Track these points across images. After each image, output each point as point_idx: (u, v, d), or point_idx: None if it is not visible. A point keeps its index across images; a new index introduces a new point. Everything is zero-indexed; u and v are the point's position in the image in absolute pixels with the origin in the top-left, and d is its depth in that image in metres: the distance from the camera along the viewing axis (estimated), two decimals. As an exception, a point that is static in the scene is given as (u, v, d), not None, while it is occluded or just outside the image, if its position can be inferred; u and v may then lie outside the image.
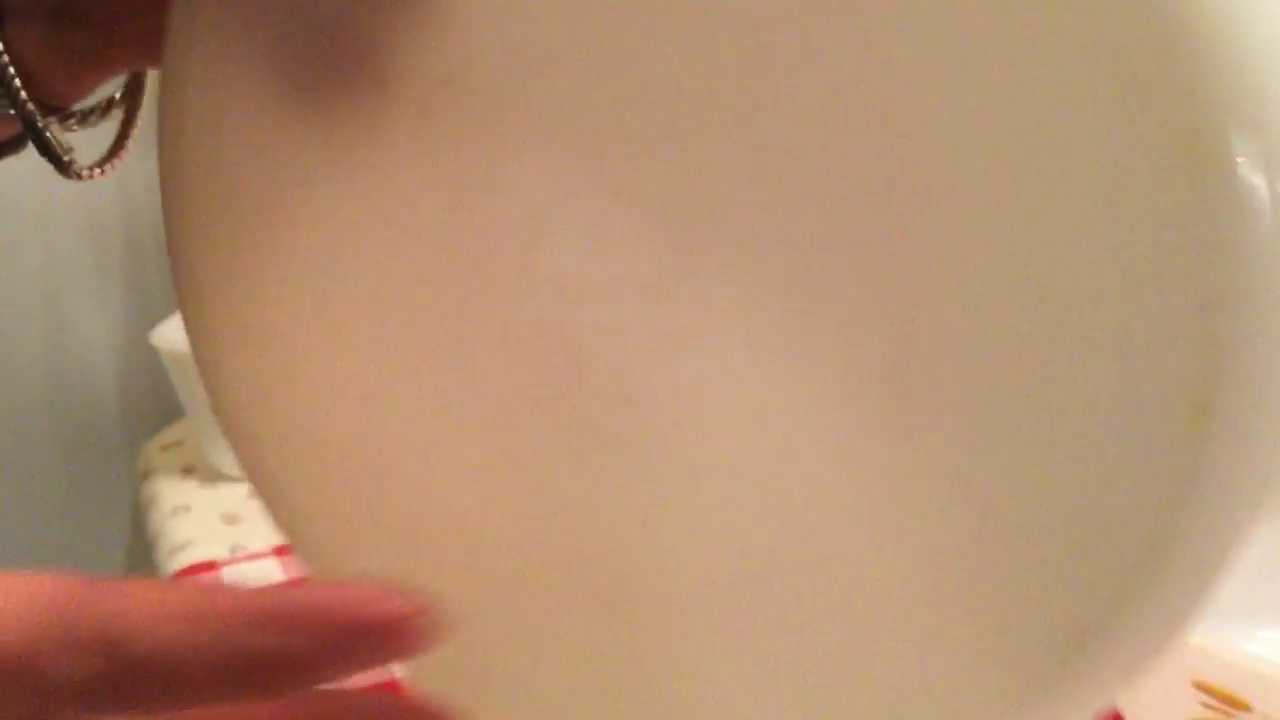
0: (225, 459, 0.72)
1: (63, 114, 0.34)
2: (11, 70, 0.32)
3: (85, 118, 0.35)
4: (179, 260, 0.27)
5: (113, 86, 0.36)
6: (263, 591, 0.20)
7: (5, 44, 0.32)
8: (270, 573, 0.63)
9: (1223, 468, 0.19)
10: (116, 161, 0.36)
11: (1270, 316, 0.18)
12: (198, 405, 0.71)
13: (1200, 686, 0.47)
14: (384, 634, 0.19)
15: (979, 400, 0.20)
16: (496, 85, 0.23)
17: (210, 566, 0.63)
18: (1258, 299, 0.18)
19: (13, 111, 0.33)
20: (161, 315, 0.71)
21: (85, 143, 0.36)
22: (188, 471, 0.74)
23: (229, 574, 0.62)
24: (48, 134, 0.33)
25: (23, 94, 0.33)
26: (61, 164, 0.34)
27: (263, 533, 0.65)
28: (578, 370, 0.23)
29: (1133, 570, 0.20)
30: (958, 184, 0.19)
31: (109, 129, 0.36)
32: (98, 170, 0.35)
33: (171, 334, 0.70)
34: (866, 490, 0.21)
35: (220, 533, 0.66)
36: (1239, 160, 0.18)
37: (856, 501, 0.21)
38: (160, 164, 0.28)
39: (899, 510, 0.21)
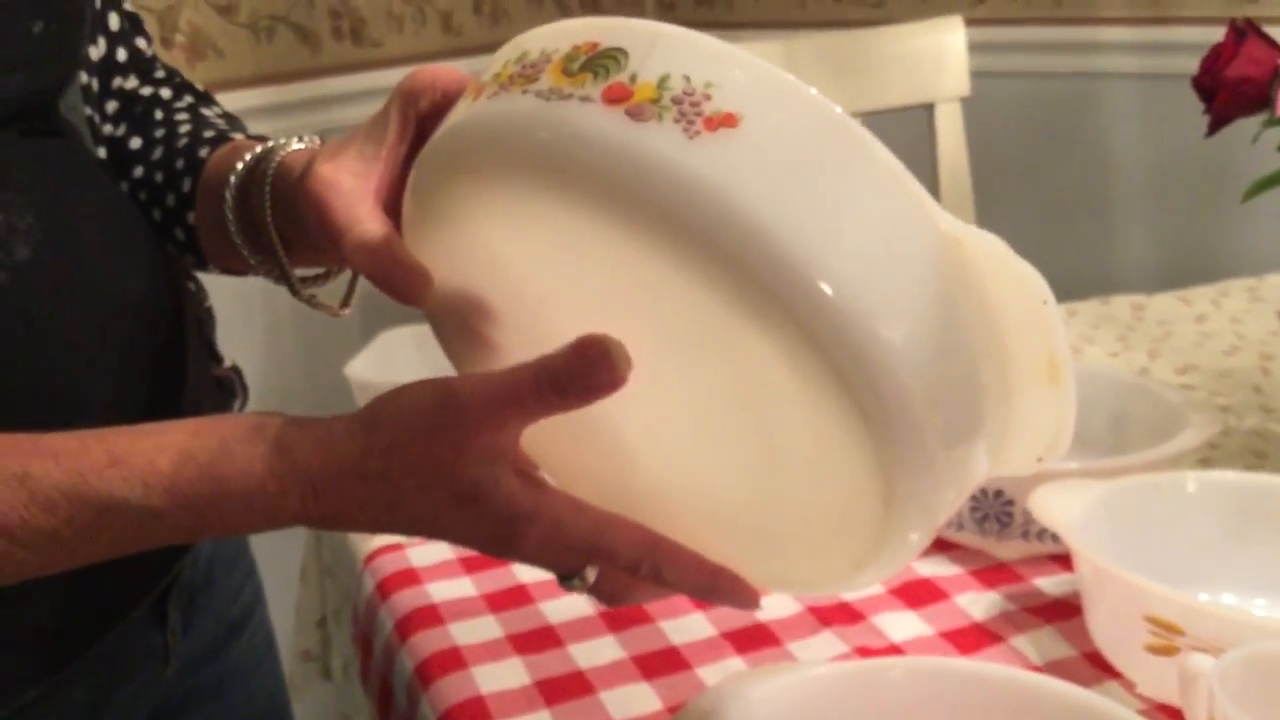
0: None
1: (304, 281, 0.60)
2: (288, 266, 0.59)
3: (315, 281, 0.60)
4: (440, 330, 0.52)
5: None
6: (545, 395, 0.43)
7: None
8: (442, 554, 0.80)
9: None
10: (348, 307, 0.57)
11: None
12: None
13: (1149, 619, 0.60)
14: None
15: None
16: (561, 298, 0.44)
17: (396, 548, 0.81)
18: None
19: (285, 286, 0.56)
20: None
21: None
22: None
23: (411, 553, 0.80)
24: (302, 295, 0.60)
25: (291, 275, 0.58)
26: (313, 305, 0.57)
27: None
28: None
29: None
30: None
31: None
32: (344, 310, 0.56)
33: (359, 368, 0.88)
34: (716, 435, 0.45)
35: (402, 523, 0.84)
36: None
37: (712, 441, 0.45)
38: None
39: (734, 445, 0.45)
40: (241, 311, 0.68)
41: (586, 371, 0.42)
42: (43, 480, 0.46)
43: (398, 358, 0.94)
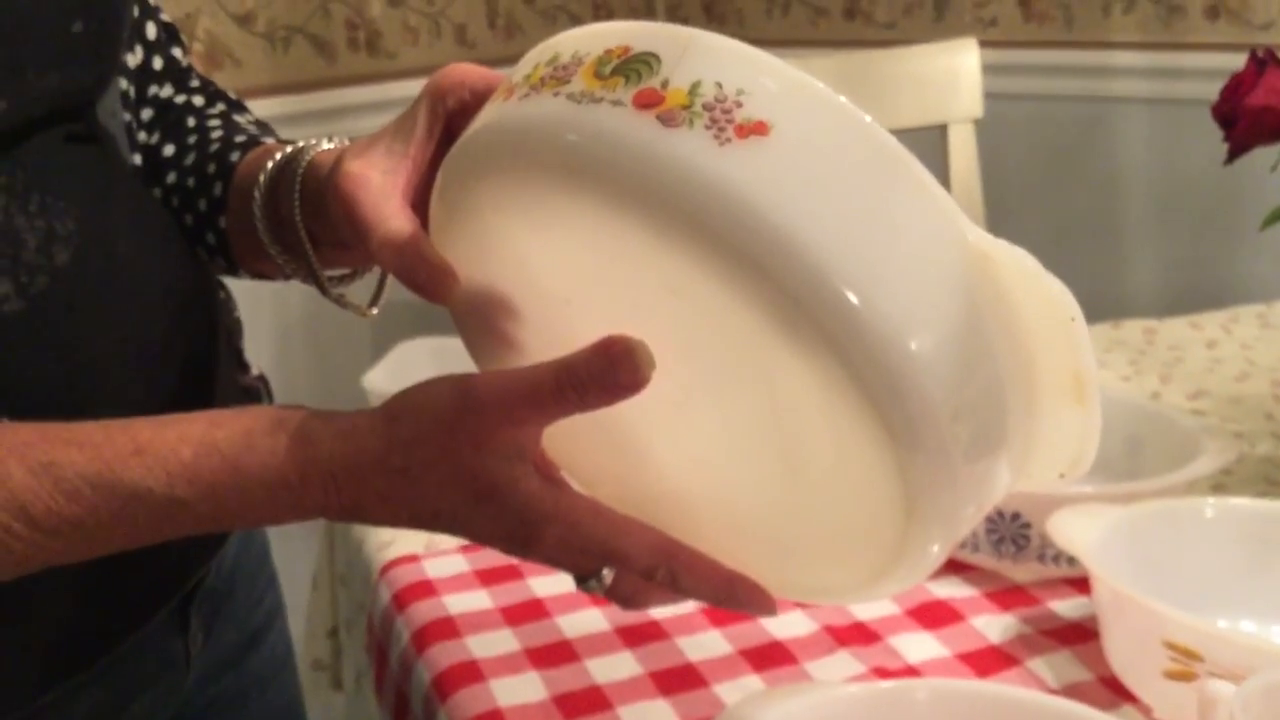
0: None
1: (332, 280, 0.60)
2: (317, 265, 0.59)
3: (343, 281, 0.61)
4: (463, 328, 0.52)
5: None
6: (566, 394, 0.44)
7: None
8: (457, 567, 0.80)
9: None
10: (376, 306, 0.58)
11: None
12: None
13: (1168, 645, 0.60)
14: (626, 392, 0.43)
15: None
16: (586, 299, 0.46)
17: (412, 559, 0.81)
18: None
19: (314, 285, 0.56)
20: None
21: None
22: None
23: (427, 565, 0.80)
24: (331, 295, 0.60)
25: (320, 274, 0.58)
26: (341, 304, 0.57)
27: (451, 534, 0.82)
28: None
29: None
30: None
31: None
32: (373, 309, 0.57)
33: (377, 379, 0.88)
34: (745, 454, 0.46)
35: (418, 533, 0.84)
36: None
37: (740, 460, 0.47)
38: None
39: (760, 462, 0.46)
40: (251, 319, 0.68)
41: (608, 371, 0.43)
42: (68, 469, 0.46)
43: (415, 369, 0.95)
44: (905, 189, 0.41)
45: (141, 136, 0.66)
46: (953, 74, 1.47)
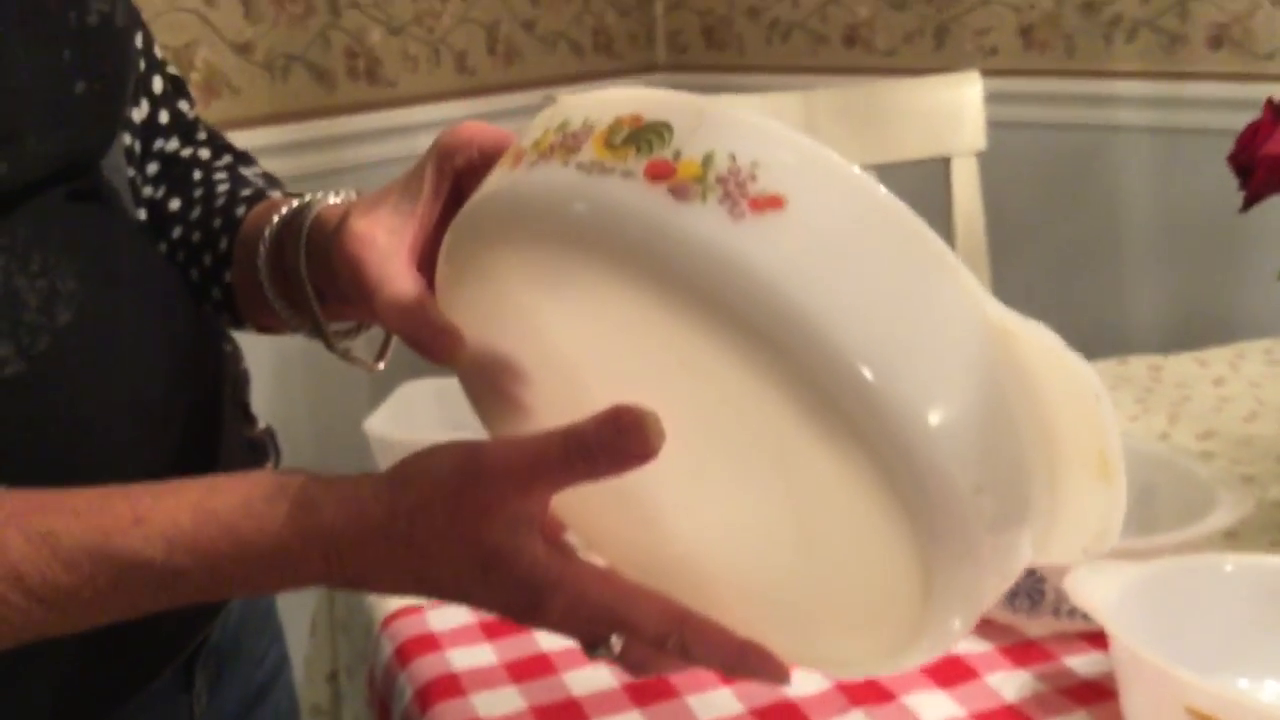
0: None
1: (337, 334, 0.60)
2: (323, 320, 0.58)
3: (348, 334, 0.60)
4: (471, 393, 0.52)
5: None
6: (574, 463, 0.43)
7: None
8: (462, 619, 0.79)
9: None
10: (384, 361, 0.57)
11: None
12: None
13: (1191, 711, 0.59)
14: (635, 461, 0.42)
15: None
16: (595, 367, 0.45)
17: (416, 610, 0.79)
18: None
19: (320, 340, 0.55)
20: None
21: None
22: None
23: (430, 617, 0.79)
24: (337, 349, 0.59)
25: (326, 329, 0.55)
26: (347, 359, 0.56)
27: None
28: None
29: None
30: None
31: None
32: (380, 364, 0.56)
33: (379, 423, 0.87)
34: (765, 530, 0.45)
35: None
36: None
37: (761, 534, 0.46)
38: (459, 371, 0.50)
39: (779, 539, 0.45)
40: (249, 360, 0.68)
41: (618, 441, 0.42)
42: (66, 538, 0.45)
43: (418, 412, 0.93)
44: (923, 264, 0.40)
45: (147, 191, 0.65)
46: (956, 106, 1.46)
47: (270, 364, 1.54)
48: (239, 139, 0.71)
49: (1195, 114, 1.81)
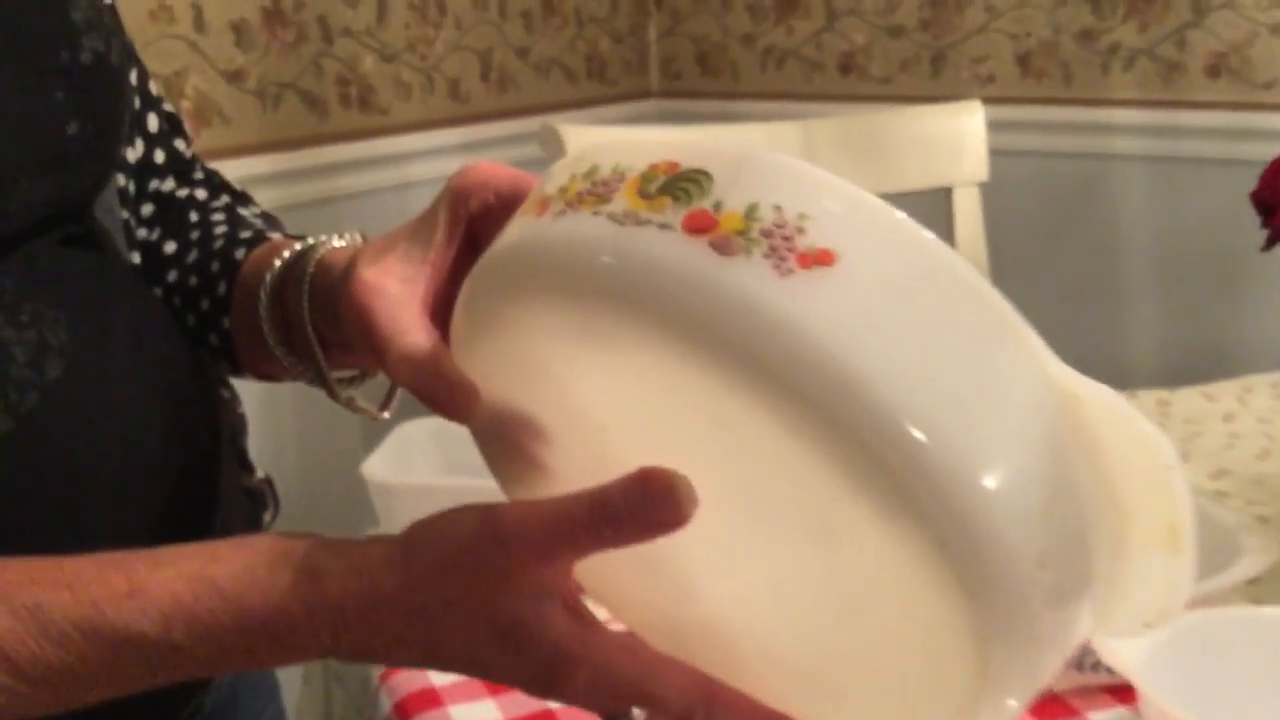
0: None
1: (341, 382, 0.57)
2: (325, 368, 0.55)
3: (352, 382, 0.57)
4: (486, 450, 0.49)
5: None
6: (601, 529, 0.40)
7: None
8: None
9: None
10: (389, 410, 0.54)
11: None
12: (392, 527, 0.85)
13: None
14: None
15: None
16: (624, 426, 0.42)
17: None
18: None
19: (322, 388, 0.52)
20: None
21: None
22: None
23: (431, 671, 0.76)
24: (340, 398, 0.57)
25: (330, 378, 0.52)
26: (352, 408, 0.53)
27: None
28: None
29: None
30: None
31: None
32: (385, 412, 0.53)
33: (377, 467, 0.85)
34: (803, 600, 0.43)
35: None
36: None
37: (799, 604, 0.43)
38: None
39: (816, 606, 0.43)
40: (242, 398, 0.66)
41: (647, 507, 0.39)
42: (55, 613, 0.43)
43: (416, 453, 0.91)
44: (981, 322, 0.37)
45: (141, 233, 0.63)
46: (958, 136, 1.45)
47: (259, 399, 1.51)
48: (230, 168, 0.69)
49: (1194, 143, 1.80)
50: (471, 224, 0.49)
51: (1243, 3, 1.73)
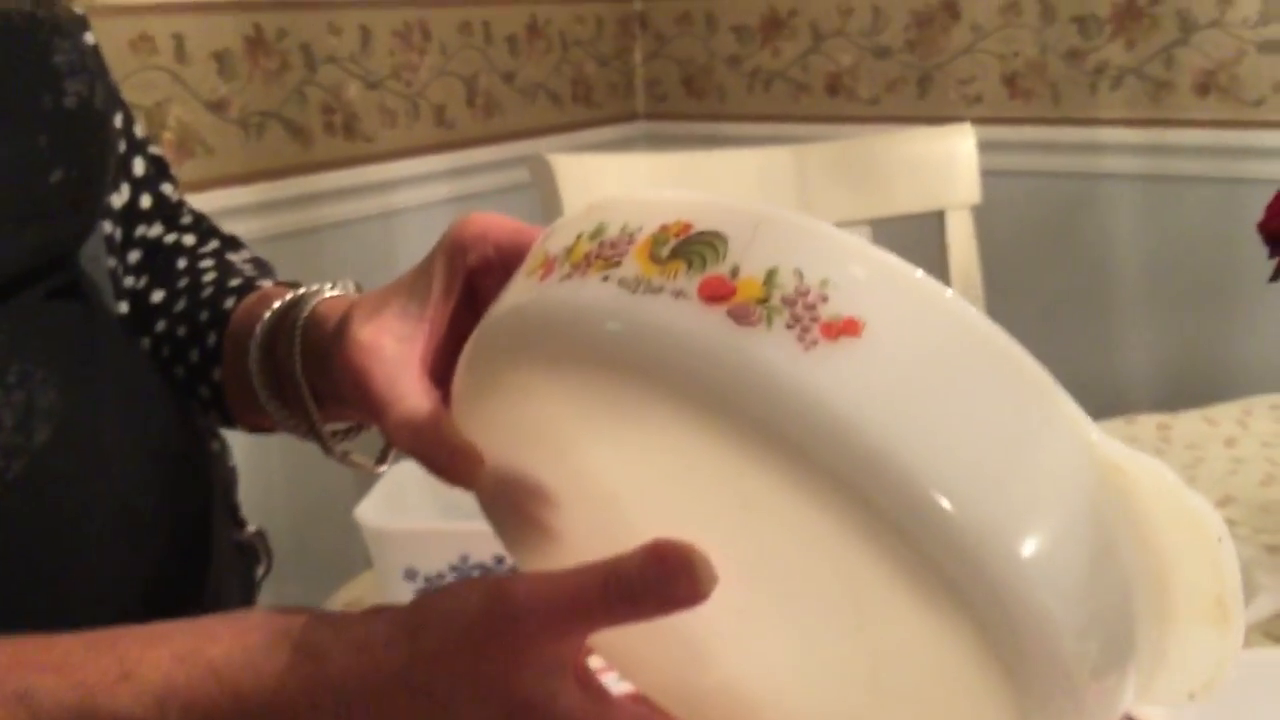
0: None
1: (335, 436, 0.55)
2: (319, 421, 0.53)
3: (347, 435, 0.56)
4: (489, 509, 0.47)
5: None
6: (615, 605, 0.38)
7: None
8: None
9: None
10: (386, 465, 0.52)
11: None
12: (387, 571, 0.83)
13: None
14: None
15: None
16: (638, 496, 0.40)
17: None
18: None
19: (315, 442, 0.50)
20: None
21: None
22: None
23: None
24: (334, 453, 0.55)
25: (323, 432, 0.50)
26: (346, 463, 0.51)
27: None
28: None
29: None
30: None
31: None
32: (381, 467, 0.51)
33: (371, 512, 0.82)
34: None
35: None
36: None
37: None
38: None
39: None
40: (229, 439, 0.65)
41: (663, 583, 0.38)
42: (46, 699, 0.41)
43: (410, 495, 0.89)
44: (1015, 390, 0.36)
45: (128, 281, 0.61)
46: (949, 159, 1.44)
47: (248, 439, 1.49)
48: (214, 199, 0.68)
49: (1184, 161, 1.80)
50: (470, 278, 0.47)
51: (1230, 20, 1.73)
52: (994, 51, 1.91)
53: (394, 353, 0.46)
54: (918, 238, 1.32)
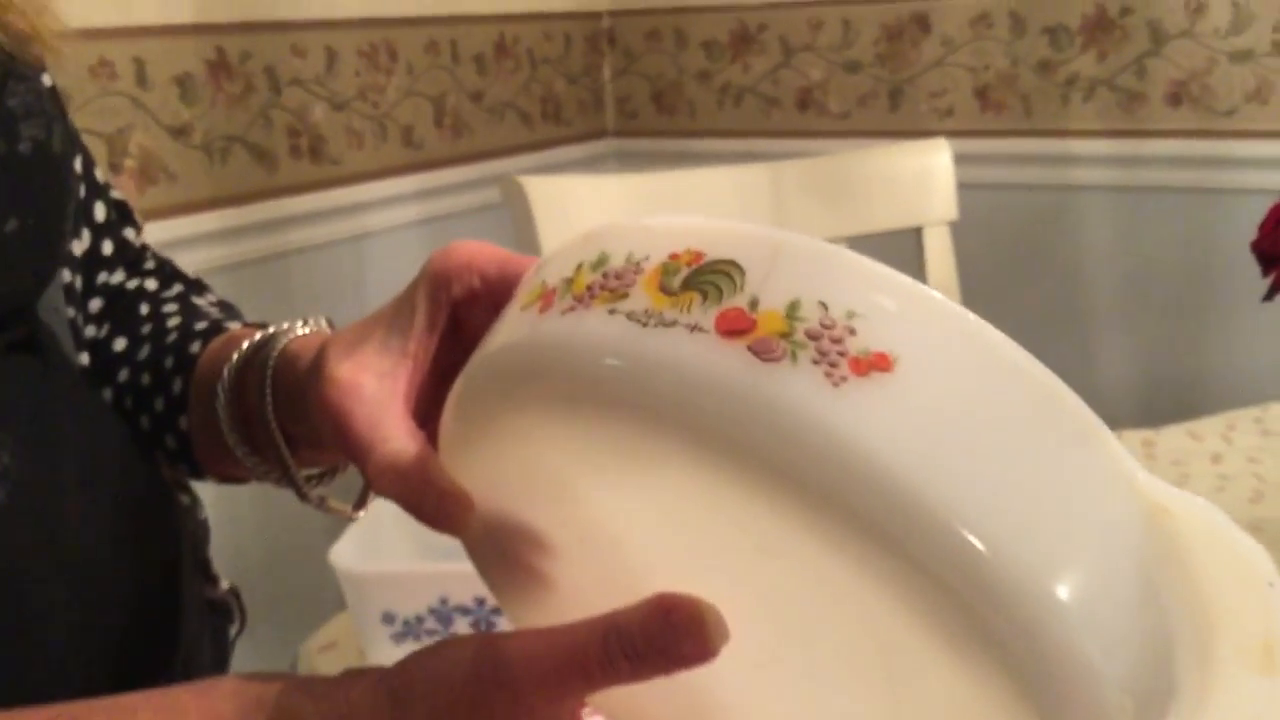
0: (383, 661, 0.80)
1: (310, 481, 0.53)
2: (293, 467, 0.50)
3: (323, 479, 0.53)
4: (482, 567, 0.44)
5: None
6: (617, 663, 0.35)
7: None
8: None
9: None
10: (364, 509, 0.49)
11: None
12: (363, 615, 0.80)
13: None
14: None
15: None
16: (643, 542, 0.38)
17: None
18: None
19: (290, 488, 0.47)
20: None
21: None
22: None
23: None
24: (310, 499, 0.52)
25: (298, 478, 0.47)
26: (323, 509, 0.48)
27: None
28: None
29: None
30: None
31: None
32: (359, 512, 0.48)
33: (346, 554, 0.79)
34: None
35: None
36: None
37: None
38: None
39: None
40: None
41: (670, 640, 0.35)
42: None
43: (386, 535, 0.86)
44: (1054, 426, 0.34)
45: (89, 330, 0.58)
46: (925, 175, 1.43)
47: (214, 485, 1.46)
48: (178, 226, 0.65)
49: (1156, 172, 1.79)
50: (455, 310, 0.45)
51: (1201, 31, 1.73)
52: (965, 64, 1.90)
53: (375, 391, 0.43)
54: (896, 255, 1.30)
